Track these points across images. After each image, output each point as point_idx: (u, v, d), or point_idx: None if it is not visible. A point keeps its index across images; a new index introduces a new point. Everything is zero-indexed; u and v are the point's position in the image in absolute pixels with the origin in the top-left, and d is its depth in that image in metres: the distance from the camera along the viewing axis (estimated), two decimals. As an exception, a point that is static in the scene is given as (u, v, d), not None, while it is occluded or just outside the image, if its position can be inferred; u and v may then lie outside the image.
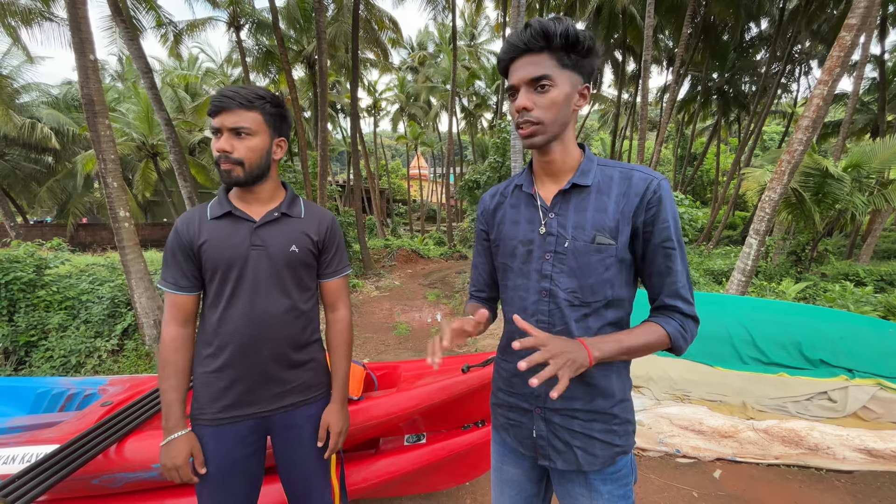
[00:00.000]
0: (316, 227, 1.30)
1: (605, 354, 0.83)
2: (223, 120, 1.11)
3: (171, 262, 1.19)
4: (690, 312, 0.92)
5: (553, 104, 0.86)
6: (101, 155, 4.78)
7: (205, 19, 11.89)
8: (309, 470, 1.30)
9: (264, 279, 1.20)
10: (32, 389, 2.11)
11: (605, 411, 0.95)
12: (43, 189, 15.85)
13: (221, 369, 1.20)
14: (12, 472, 1.42)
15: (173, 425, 1.15)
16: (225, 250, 1.17)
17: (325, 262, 1.34)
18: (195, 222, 1.19)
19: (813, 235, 7.80)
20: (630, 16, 14.38)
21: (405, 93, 24.12)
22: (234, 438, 1.21)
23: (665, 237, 0.89)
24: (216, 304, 1.20)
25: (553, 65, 0.85)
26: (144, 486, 1.58)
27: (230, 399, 1.20)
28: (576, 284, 0.92)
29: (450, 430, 1.93)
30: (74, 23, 4.49)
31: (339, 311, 1.39)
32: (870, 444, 2.43)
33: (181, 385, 1.18)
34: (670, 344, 0.90)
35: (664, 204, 0.89)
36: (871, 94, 15.88)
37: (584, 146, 0.99)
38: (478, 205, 1.15)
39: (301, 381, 1.29)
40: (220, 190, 1.25)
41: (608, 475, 0.98)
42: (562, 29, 0.82)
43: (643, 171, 0.92)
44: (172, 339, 1.18)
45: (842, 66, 4.27)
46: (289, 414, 1.27)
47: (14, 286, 5.00)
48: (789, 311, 3.50)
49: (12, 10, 8.69)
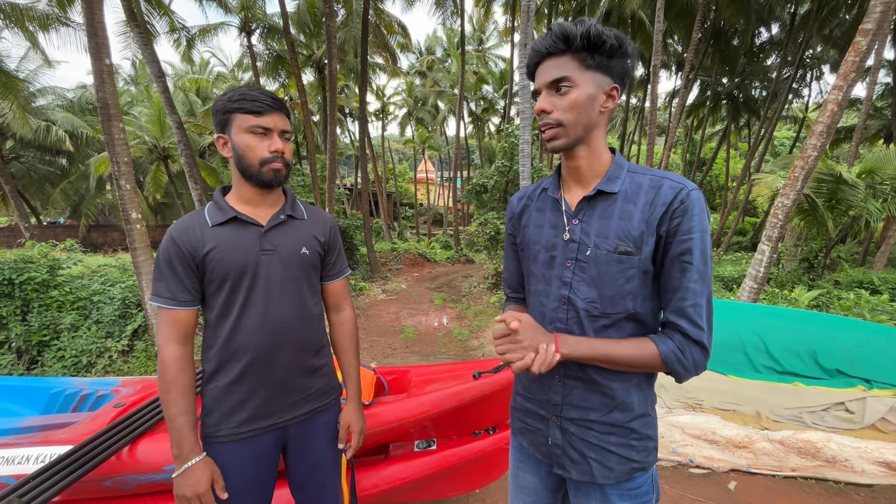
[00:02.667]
0: (321, 229, 1.29)
1: (573, 353, 0.84)
2: (276, 121, 1.11)
3: (169, 274, 1.09)
4: (696, 337, 0.82)
5: (573, 106, 0.85)
6: (115, 158, 4.84)
7: (217, 24, 12.07)
8: (325, 476, 1.30)
9: (277, 284, 1.17)
10: (46, 389, 2.13)
11: (622, 424, 0.92)
12: (56, 191, 16.10)
13: (236, 382, 1.15)
14: (26, 472, 1.43)
15: (188, 452, 1.07)
16: (235, 257, 1.12)
17: (329, 264, 1.33)
18: (195, 230, 1.11)
19: (826, 242, 7.68)
20: (639, 21, 14.36)
21: (413, 97, 24.22)
22: (252, 452, 1.17)
23: (684, 250, 0.82)
24: (226, 314, 1.14)
25: (574, 66, 0.84)
26: (156, 488, 1.58)
27: (248, 412, 1.16)
28: (595, 294, 0.89)
29: (460, 436, 1.92)
30: (91, 28, 4.57)
31: (345, 312, 1.39)
32: (889, 457, 2.37)
33: (190, 408, 1.09)
34: (662, 365, 0.84)
35: (691, 214, 0.82)
36: (885, 100, 15.67)
37: (615, 151, 0.96)
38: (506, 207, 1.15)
39: (317, 387, 1.28)
40: (217, 194, 1.19)
41: (625, 491, 0.95)
42: (583, 30, 0.81)
43: (674, 180, 0.86)
44: (175, 359, 1.08)
45: (857, 71, 4.21)
46: (306, 422, 1.25)
47: (28, 286, 5.06)
48: (803, 318, 3.44)
49: (31, 15, 8.87)
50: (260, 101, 1.08)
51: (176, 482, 1.07)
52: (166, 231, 1.13)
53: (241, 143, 1.10)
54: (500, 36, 23.83)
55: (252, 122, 1.08)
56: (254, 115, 1.08)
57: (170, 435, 1.08)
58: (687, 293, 0.83)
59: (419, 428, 1.90)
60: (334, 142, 9.25)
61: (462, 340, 5.87)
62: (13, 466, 1.47)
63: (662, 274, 0.87)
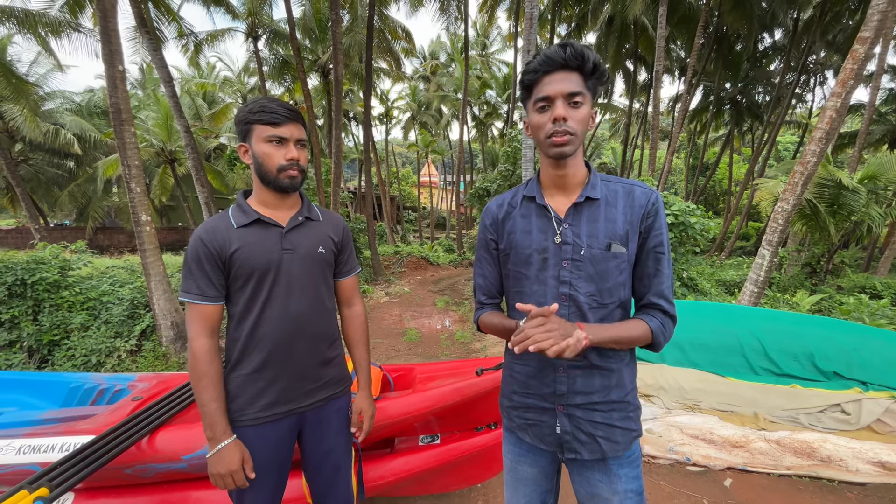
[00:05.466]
0: (335, 229, 1.40)
1: (596, 338, 0.92)
2: (292, 131, 1.20)
3: (198, 272, 1.17)
4: (671, 312, 1.03)
5: (583, 120, 0.96)
6: (126, 161, 4.95)
7: (224, 30, 12.23)
8: (339, 459, 1.39)
9: (297, 281, 1.27)
10: (65, 384, 2.21)
11: (621, 400, 1.04)
12: (64, 193, 16.28)
13: (260, 370, 1.24)
14: (51, 460, 1.50)
15: (220, 434, 1.16)
16: (260, 256, 1.21)
17: (342, 262, 1.44)
18: (221, 231, 1.20)
19: (828, 247, 7.71)
20: (642, 26, 14.43)
21: (417, 101, 24.36)
22: (274, 435, 1.27)
23: (658, 243, 1.01)
24: (250, 308, 1.23)
25: (583, 84, 0.95)
26: (174, 476, 1.66)
27: (270, 398, 1.25)
28: (594, 288, 1.00)
29: (463, 431, 1.98)
30: (105, 35, 4.69)
31: (356, 307, 1.50)
32: (884, 458, 2.41)
33: (220, 394, 1.19)
34: (651, 339, 1.00)
35: (660, 214, 1.02)
36: (889, 105, 15.68)
37: (588, 164, 1.08)
38: (482, 214, 1.19)
39: (331, 376, 1.37)
40: (239, 198, 1.29)
41: (625, 459, 1.05)
42: (593, 56, 0.92)
43: (642, 186, 1.04)
44: (206, 351, 1.17)
45: (855, 78, 4.27)
46: (321, 409, 1.35)
47: (39, 286, 5.17)
48: (802, 322, 3.49)
49: (43, 21, 9.05)
50: (277, 113, 1.17)
51: (211, 461, 1.16)
52: (192, 233, 1.22)
53: (261, 151, 1.19)
54: (504, 41, 23.97)
55: (270, 132, 1.17)
56: (272, 125, 1.17)
57: (202, 420, 1.17)
58: (663, 277, 1.03)
59: (423, 423, 1.96)
60: (339, 145, 9.36)
61: (465, 343, 5.93)
62: (39, 454, 1.55)
63: (638, 263, 1.04)
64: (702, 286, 6.61)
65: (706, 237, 5.89)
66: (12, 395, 2.21)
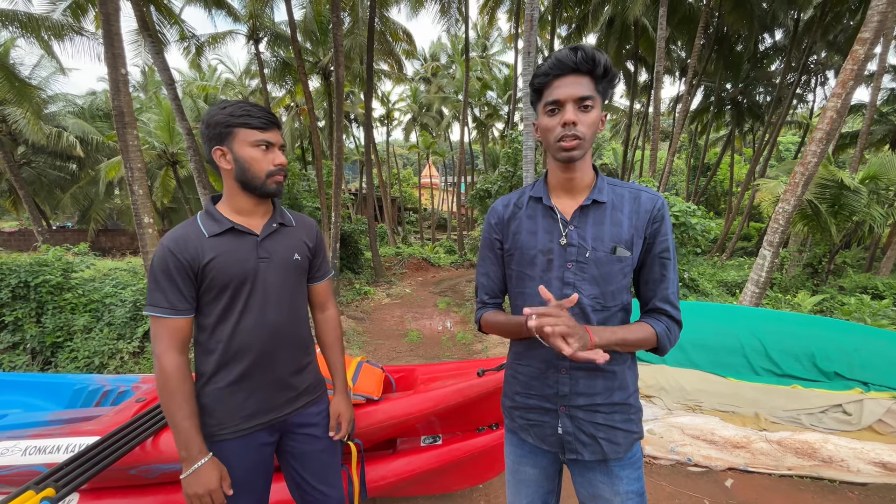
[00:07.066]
0: (308, 234, 1.36)
1: (603, 341, 0.92)
2: (276, 137, 1.19)
3: (167, 285, 1.11)
4: (677, 317, 1.03)
5: (593, 124, 0.96)
6: (129, 164, 4.98)
7: (225, 32, 12.27)
8: (324, 462, 1.38)
9: (273, 289, 1.24)
10: (70, 385, 2.23)
11: (623, 402, 1.05)
12: (66, 195, 16.35)
13: (238, 382, 1.21)
14: (57, 461, 1.52)
15: (196, 453, 1.12)
16: (235, 266, 1.17)
17: (315, 266, 1.40)
18: (192, 241, 1.14)
19: (830, 248, 7.71)
20: (642, 27, 14.44)
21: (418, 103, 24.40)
22: (256, 445, 1.25)
23: (664, 248, 1.02)
24: (226, 319, 1.18)
25: (593, 88, 0.95)
26: (177, 477, 1.66)
27: (250, 409, 1.23)
28: (598, 291, 1.01)
29: (464, 432, 1.99)
30: (108, 38, 4.72)
31: (330, 310, 1.48)
32: (885, 458, 2.42)
33: (194, 412, 1.14)
34: (656, 343, 1.00)
35: (666, 220, 1.02)
36: (890, 105, 15.65)
37: (595, 167, 1.08)
38: (487, 214, 1.19)
39: (308, 382, 1.37)
40: (208, 205, 1.22)
41: (626, 461, 1.06)
42: (604, 59, 0.93)
43: (648, 192, 1.04)
44: (178, 367, 1.12)
45: (855, 79, 4.28)
46: (301, 414, 1.34)
47: (43, 289, 5.20)
48: (803, 322, 3.49)
49: (46, 25, 9.10)
50: (263, 118, 1.15)
51: (186, 482, 1.12)
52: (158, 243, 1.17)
53: (247, 156, 1.14)
54: (504, 42, 24.00)
55: (258, 136, 1.14)
56: (259, 130, 1.15)
57: (176, 439, 1.12)
58: (669, 283, 1.03)
59: (425, 423, 1.97)
60: (340, 147, 9.37)
61: (466, 344, 5.93)
62: (45, 455, 1.56)
63: (643, 268, 1.05)
64: (703, 287, 6.62)
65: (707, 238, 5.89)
66: (17, 396, 2.23)
